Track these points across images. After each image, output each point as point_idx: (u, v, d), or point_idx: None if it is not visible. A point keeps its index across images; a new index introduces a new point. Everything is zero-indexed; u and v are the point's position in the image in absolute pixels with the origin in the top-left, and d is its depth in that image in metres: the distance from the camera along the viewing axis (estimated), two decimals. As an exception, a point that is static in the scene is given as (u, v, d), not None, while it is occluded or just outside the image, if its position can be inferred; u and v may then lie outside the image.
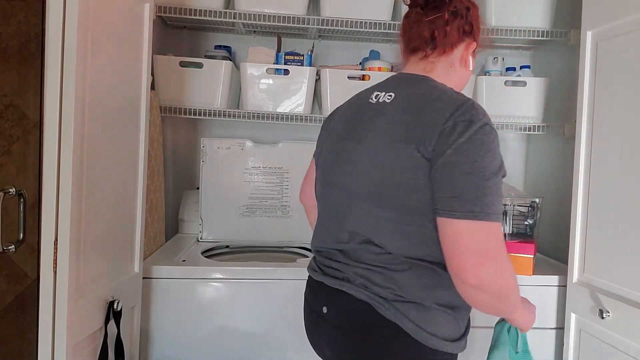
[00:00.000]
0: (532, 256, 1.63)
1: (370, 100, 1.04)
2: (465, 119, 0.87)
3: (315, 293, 1.06)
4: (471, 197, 0.84)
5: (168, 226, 2.07)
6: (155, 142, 1.81)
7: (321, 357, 1.09)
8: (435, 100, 0.92)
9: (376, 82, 1.11)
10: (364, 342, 0.94)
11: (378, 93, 1.03)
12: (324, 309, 1.01)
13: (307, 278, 1.14)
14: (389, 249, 0.93)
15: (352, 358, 0.96)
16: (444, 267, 0.90)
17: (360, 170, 0.97)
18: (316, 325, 1.05)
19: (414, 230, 0.91)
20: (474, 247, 0.84)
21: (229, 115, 1.89)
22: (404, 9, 1.10)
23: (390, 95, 1.00)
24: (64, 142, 1.03)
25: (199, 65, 1.88)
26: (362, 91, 1.12)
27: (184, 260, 1.66)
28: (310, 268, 1.11)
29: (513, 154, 2.30)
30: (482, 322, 1.62)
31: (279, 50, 1.97)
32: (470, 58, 1.06)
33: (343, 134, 1.05)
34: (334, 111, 1.17)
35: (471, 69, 1.08)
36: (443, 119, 0.88)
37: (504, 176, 0.89)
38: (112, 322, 1.26)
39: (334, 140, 1.08)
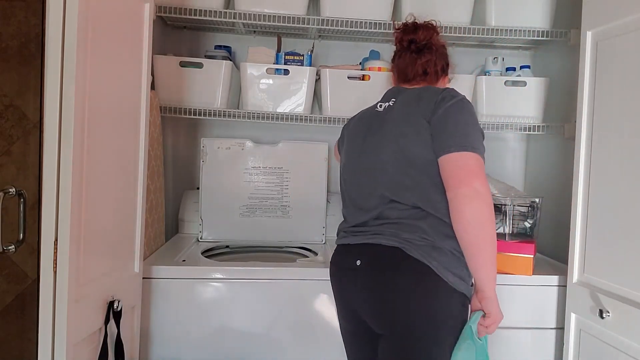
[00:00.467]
0: (532, 256, 1.63)
1: (377, 109, 1.35)
2: (450, 95, 1.22)
3: (345, 254, 1.28)
4: (461, 136, 1.16)
5: (168, 226, 2.07)
6: (155, 142, 1.81)
7: (348, 319, 1.29)
8: (426, 90, 1.28)
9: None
10: (396, 276, 1.15)
11: (382, 104, 1.35)
12: (357, 262, 1.21)
13: (334, 252, 1.34)
14: (412, 204, 1.19)
15: (386, 290, 1.16)
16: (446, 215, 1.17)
17: (384, 147, 1.25)
18: (349, 280, 1.24)
19: (429, 184, 1.18)
20: (468, 167, 1.13)
21: (229, 115, 1.89)
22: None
23: (393, 101, 1.32)
24: (64, 142, 1.03)
25: (199, 65, 1.88)
26: (368, 108, 1.43)
27: (184, 260, 1.66)
28: (339, 239, 1.34)
29: (513, 154, 2.30)
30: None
31: (279, 50, 1.97)
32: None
33: (363, 134, 1.33)
34: (350, 120, 1.48)
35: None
36: (435, 96, 1.23)
37: (482, 136, 1.20)
38: (112, 322, 1.26)
39: (355, 139, 1.36)
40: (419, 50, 1.36)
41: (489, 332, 1.19)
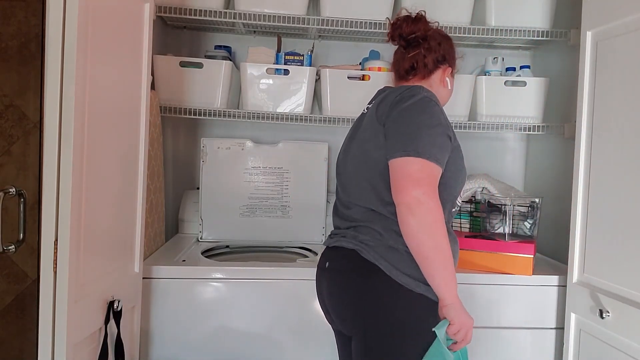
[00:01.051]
0: (532, 256, 1.63)
1: (363, 112, 1.34)
2: (410, 94, 1.18)
3: (323, 255, 1.30)
4: (408, 140, 1.11)
5: (168, 226, 2.07)
6: (155, 142, 1.81)
7: (328, 319, 1.31)
8: (393, 91, 1.24)
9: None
10: (350, 278, 1.17)
11: (368, 105, 1.33)
12: (327, 264, 1.25)
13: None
14: (368, 206, 1.19)
15: (342, 292, 1.18)
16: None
17: (353, 152, 1.27)
18: (320, 279, 1.28)
19: (383, 186, 1.16)
20: (409, 175, 1.09)
21: (229, 115, 1.89)
22: (404, 10, 1.33)
23: (372, 102, 1.30)
24: (64, 142, 1.03)
25: (199, 65, 1.88)
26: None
27: (184, 260, 1.65)
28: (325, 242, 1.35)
29: (513, 154, 2.30)
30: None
31: (279, 50, 1.97)
32: (448, 79, 1.34)
33: (348, 138, 1.35)
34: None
35: (449, 87, 1.35)
36: (394, 96, 1.20)
37: (450, 138, 1.16)
38: (112, 322, 1.26)
39: (344, 142, 1.36)
40: (407, 44, 1.31)
41: (460, 340, 1.13)
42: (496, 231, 1.69)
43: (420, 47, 1.30)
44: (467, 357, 1.20)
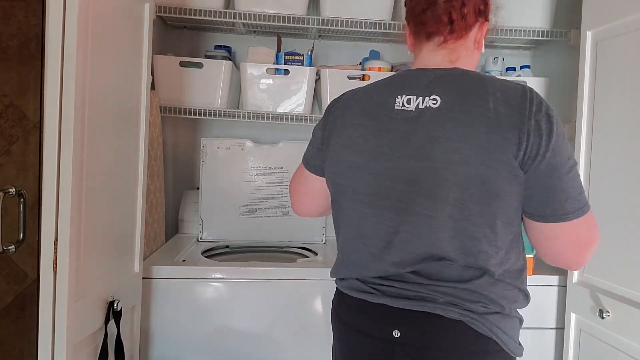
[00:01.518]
0: (532, 256, 1.63)
1: (402, 107, 0.92)
2: (543, 115, 0.85)
3: (374, 317, 0.95)
4: (575, 196, 0.88)
5: (168, 226, 2.07)
6: (155, 142, 1.81)
7: None
8: (498, 97, 0.86)
9: (383, 81, 1.00)
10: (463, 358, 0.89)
11: (409, 97, 0.92)
12: (395, 333, 0.92)
13: (339, 299, 1.03)
14: (473, 263, 0.88)
15: None
16: (518, 272, 0.95)
17: (435, 190, 0.87)
18: (381, 353, 0.94)
19: (495, 242, 0.89)
20: (579, 239, 0.91)
21: (229, 115, 1.89)
22: (404, 8, 1.03)
23: (435, 100, 0.90)
24: (64, 142, 1.03)
25: (199, 65, 1.88)
26: (371, 92, 0.99)
27: (184, 260, 1.65)
28: (356, 290, 0.98)
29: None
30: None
31: (279, 50, 1.97)
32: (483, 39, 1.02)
33: (379, 149, 0.93)
34: (335, 116, 1.03)
35: (483, 50, 1.03)
36: (520, 115, 0.84)
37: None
38: (112, 322, 1.26)
39: (363, 156, 0.95)
40: None
41: None
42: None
43: None
44: None
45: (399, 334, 0.91)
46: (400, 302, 0.91)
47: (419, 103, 0.91)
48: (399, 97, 0.94)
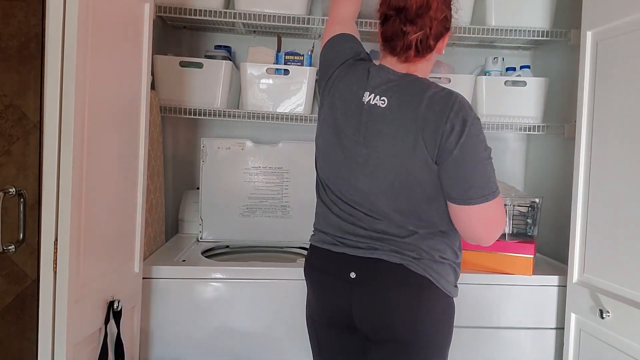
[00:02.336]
0: (532, 256, 1.63)
1: (363, 99, 1.17)
2: (459, 120, 1.07)
3: (336, 263, 1.21)
4: (481, 185, 1.08)
5: (168, 226, 2.07)
6: (155, 142, 1.81)
7: (330, 326, 1.25)
8: (430, 105, 1.09)
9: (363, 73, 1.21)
10: (402, 293, 1.15)
11: (369, 93, 1.16)
12: (352, 275, 1.17)
13: (311, 251, 1.29)
14: (410, 227, 1.16)
15: (389, 306, 1.15)
16: (443, 233, 1.18)
17: (375, 174, 1.14)
18: (340, 290, 1.20)
19: (427, 211, 1.15)
20: (486, 220, 1.12)
21: (229, 115, 1.89)
22: None
23: (384, 101, 1.14)
24: (64, 142, 1.03)
25: (199, 65, 1.88)
26: (352, 79, 1.21)
27: (184, 260, 1.65)
28: (323, 242, 1.25)
29: (513, 154, 2.30)
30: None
31: (279, 50, 1.97)
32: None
33: (345, 131, 1.18)
34: (336, 78, 1.24)
35: (442, 53, 1.22)
36: (440, 121, 1.07)
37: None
38: (112, 322, 1.26)
39: (334, 133, 1.20)
40: (407, 20, 1.12)
41: None
42: (496, 231, 1.69)
43: (426, 26, 1.12)
44: None
45: (354, 275, 1.17)
46: (356, 251, 1.18)
47: (376, 100, 1.15)
48: (367, 93, 1.16)
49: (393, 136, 1.11)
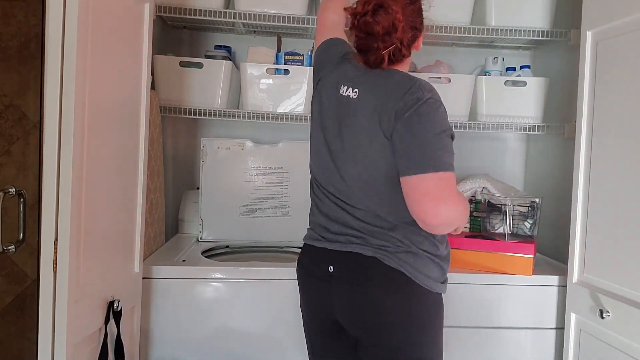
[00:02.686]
0: (532, 256, 1.63)
1: (340, 92, 1.21)
2: (412, 98, 1.09)
3: (318, 259, 1.23)
4: (419, 156, 1.07)
5: (168, 226, 2.07)
6: (155, 142, 1.81)
7: (317, 320, 1.27)
8: (390, 91, 1.12)
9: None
10: (375, 287, 1.14)
11: (344, 86, 1.20)
12: (330, 268, 1.19)
13: (302, 249, 1.31)
14: (383, 215, 1.16)
15: (366, 302, 1.15)
16: (412, 224, 1.14)
17: (347, 166, 1.17)
18: (318, 284, 1.22)
19: (395, 198, 1.13)
20: (428, 194, 1.07)
21: (229, 115, 1.89)
22: None
23: (355, 92, 1.18)
24: (64, 142, 1.03)
25: (199, 65, 1.88)
26: (334, 77, 1.25)
27: (184, 260, 1.66)
28: (310, 238, 1.28)
29: (513, 154, 2.30)
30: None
31: (279, 50, 1.97)
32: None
33: (327, 126, 1.23)
34: (326, 72, 1.29)
35: (418, 49, 1.25)
36: (396, 102, 1.10)
37: (452, 138, 1.11)
38: (112, 322, 1.26)
39: (320, 129, 1.24)
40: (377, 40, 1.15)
41: None
42: (496, 231, 1.69)
43: (395, 42, 1.15)
44: None
45: (332, 269, 1.18)
46: (333, 245, 1.19)
47: (348, 92, 1.19)
48: (343, 86, 1.20)
49: (357, 126, 1.14)
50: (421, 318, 1.16)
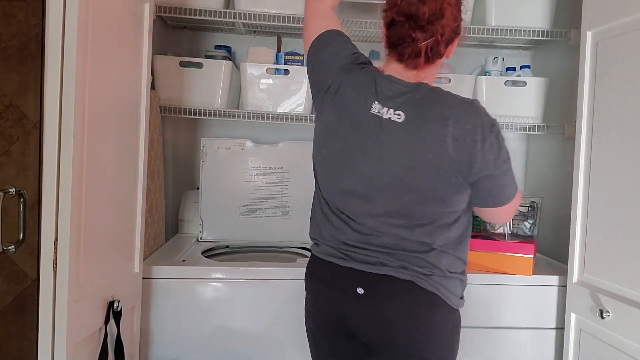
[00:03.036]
0: (532, 256, 1.63)
1: (372, 111, 1.09)
2: (486, 134, 1.05)
3: (343, 277, 1.15)
4: (507, 191, 1.13)
5: (168, 226, 2.07)
6: (155, 142, 1.81)
7: (330, 335, 1.22)
8: (455, 121, 1.04)
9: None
10: (412, 310, 1.11)
11: (382, 106, 1.08)
12: (360, 290, 1.12)
13: (315, 261, 1.24)
14: (421, 241, 1.11)
15: (398, 325, 1.11)
16: (455, 247, 1.15)
17: (390, 190, 1.09)
18: (343, 301, 1.15)
19: (441, 226, 1.12)
20: (508, 213, 1.21)
21: (229, 115, 1.89)
22: None
23: (399, 115, 1.06)
24: (64, 142, 1.03)
25: (199, 65, 1.88)
26: (356, 89, 1.13)
27: (184, 260, 1.65)
28: (328, 254, 1.18)
29: (513, 154, 2.26)
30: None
31: (279, 50, 1.97)
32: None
33: (351, 145, 1.11)
34: (338, 89, 1.15)
35: (450, 57, 1.15)
36: (472, 141, 1.04)
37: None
38: (112, 322, 1.26)
39: (341, 145, 1.13)
40: (418, 26, 1.06)
41: None
42: (496, 231, 1.69)
43: (437, 32, 1.05)
44: None
45: (362, 292, 1.12)
46: (364, 266, 1.12)
47: (389, 114, 1.07)
48: (377, 105, 1.09)
49: (413, 152, 1.05)
50: (450, 338, 1.16)
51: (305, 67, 1.84)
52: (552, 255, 1.93)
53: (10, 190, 1.17)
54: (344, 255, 1.16)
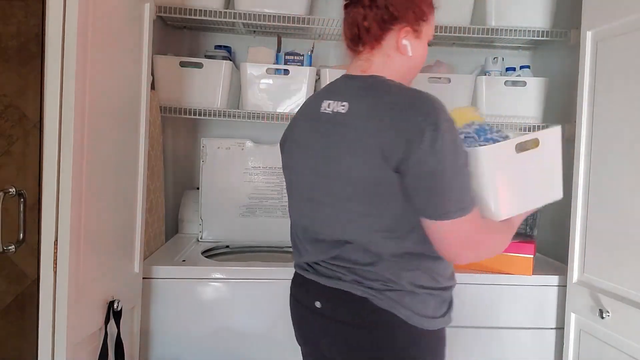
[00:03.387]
0: (532, 256, 1.63)
1: (322, 110, 1.03)
2: (430, 124, 0.89)
3: (303, 288, 1.13)
4: (447, 199, 0.92)
5: (168, 226, 2.07)
6: (155, 142, 1.81)
7: (306, 349, 1.19)
8: (391, 107, 0.94)
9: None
10: (364, 334, 1.00)
11: (329, 102, 1.03)
12: (317, 304, 1.06)
13: (294, 277, 1.23)
14: (373, 249, 0.99)
15: (352, 348, 1.02)
16: (413, 255, 0.99)
17: (337, 186, 1.00)
18: (306, 318, 1.12)
19: (390, 232, 0.98)
20: (456, 239, 0.95)
21: (229, 115, 1.89)
22: None
23: (344, 106, 0.99)
24: (64, 142, 1.03)
25: (199, 65, 1.88)
26: (310, 98, 1.15)
27: (184, 260, 1.66)
28: (299, 267, 1.18)
29: (513, 154, 2.29)
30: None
31: (279, 50, 1.97)
32: (408, 43, 1.01)
33: (310, 148, 1.06)
34: (291, 123, 1.16)
35: (410, 54, 1.02)
36: (411, 125, 0.90)
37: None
38: (112, 322, 1.26)
39: (301, 155, 1.09)
40: (349, 1, 1.03)
41: None
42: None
43: (360, 3, 0.99)
44: None
45: (319, 305, 1.06)
46: (322, 279, 1.05)
47: (336, 106, 1.01)
48: (326, 102, 1.03)
49: (350, 146, 0.96)
50: None
51: (306, 68, 1.82)
52: (552, 255, 1.93)
53: (10, 190, 1.17)
54: (308, 267, 1.12)
